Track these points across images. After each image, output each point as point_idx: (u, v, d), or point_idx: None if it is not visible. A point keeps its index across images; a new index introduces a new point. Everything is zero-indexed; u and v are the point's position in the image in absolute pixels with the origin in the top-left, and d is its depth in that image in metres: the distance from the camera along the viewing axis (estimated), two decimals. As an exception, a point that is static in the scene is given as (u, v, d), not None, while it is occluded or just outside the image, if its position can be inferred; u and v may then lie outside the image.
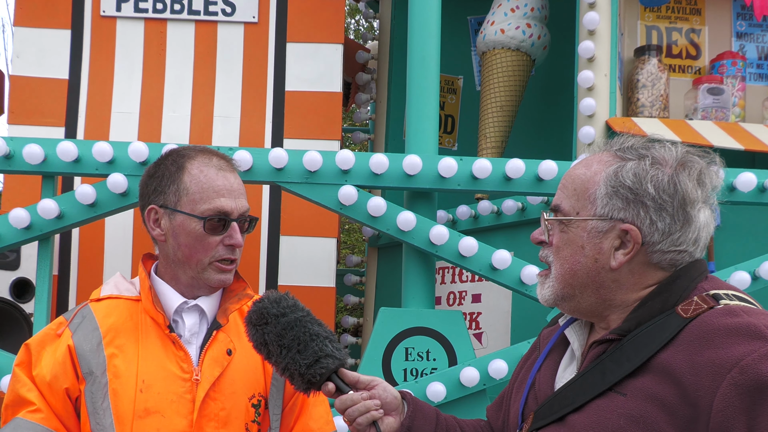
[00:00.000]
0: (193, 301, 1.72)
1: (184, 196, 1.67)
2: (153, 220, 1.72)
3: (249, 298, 1.78)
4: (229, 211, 1.68)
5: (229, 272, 1.72)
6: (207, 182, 1.68)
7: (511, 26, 3.64)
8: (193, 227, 1.67)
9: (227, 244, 1.69)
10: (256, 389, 1.72)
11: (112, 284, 1.77)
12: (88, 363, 1.62)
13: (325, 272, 3.40)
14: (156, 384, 1.63)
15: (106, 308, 1.71)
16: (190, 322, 1.71)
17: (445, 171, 2.86)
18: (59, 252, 3.29)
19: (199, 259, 1.68)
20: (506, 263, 2.82)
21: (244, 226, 1.74)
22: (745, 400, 1.09)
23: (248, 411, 1.69)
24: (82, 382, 1.62)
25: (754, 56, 3.59)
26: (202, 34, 3.49)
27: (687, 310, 1.23)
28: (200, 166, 1.69)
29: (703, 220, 1.28)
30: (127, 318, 1.69)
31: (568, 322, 1.43)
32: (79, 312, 1.71)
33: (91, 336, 1.65)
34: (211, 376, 1.66)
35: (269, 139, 3.44)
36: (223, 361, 1.68)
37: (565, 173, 1.38)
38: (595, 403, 1.24)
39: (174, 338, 1.67)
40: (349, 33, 11.73)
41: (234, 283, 1.79)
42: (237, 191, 1.72)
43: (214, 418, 1.64)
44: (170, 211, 1.69)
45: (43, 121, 3.38)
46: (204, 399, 1.64)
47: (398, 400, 1.50)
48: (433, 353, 2.86)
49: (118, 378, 1.62)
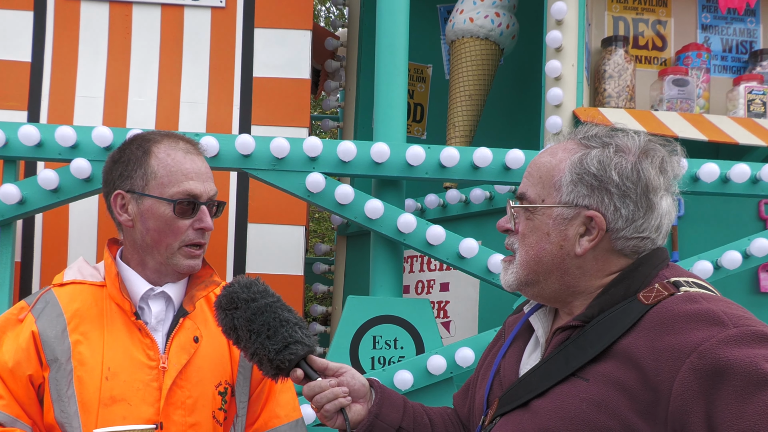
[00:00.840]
0: (159, 287, 1.71)
1: (152, 180, 1.66)
2: (120, 205, 1.70)
3: (216, 284, 1.78)
4: (198, 194, 1.68)
5: (198, 258, 1.71)
6: (175, 165, 1.67)
7: (479, 15, 3.64)
8: (162, 211, 1.66)
9: (197, 227, 1.69)
10: (222, 377, 1.71)
11: (75, 269, 1.75)
12: (52, 349, 1.60)
13: (293, 260, 3.39)
14: (122, 372, 1.61)
15: (70, 294, 1.69)
16: (157, 309, 1.70)
17: (412, 159, 2.86)
18: (22, 238, 3.23)
19: (169, 243, 1.67)
20: (473, 252, 2.84)
21: (212, 210, 1.73)
22: (703, 384, 1.11)
23: (215, 399, 1.69)
24: (46, 368, 1.60)
25: (718, 48, 3.64)
26: (168, 18, 3.44)
27: (648, 296, 1.25)
28: (167, 149, 1.68)
29: (665, 207, 1.31)
30: (91, 304, 1.68)
31: (533, 310, 1.45)
32: (42, 297, 1.68)
33: (56, 322, 1.63)
34: (178, 363, 1.65)
35: (237, 126, 3.40)
36: (190, 348, 1.68)
37: (531, 161, 1.39)
38: (558, 389, 1.26)
39: (140, 325, 1.66)
40: (319, 20, 11.66)
41: (201, 270, 1.78)
42: (205, 174, 1.71)
43: (181, 405, 1.64)
44: (138, 195, 1.67)
45: (5, 105, 3.31)
46: (171, 387, 1.63)
47: (366, 387, 1.51)
48: (400, 341, 2.87)
49: (83, 365, 1.61)
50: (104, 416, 1.59)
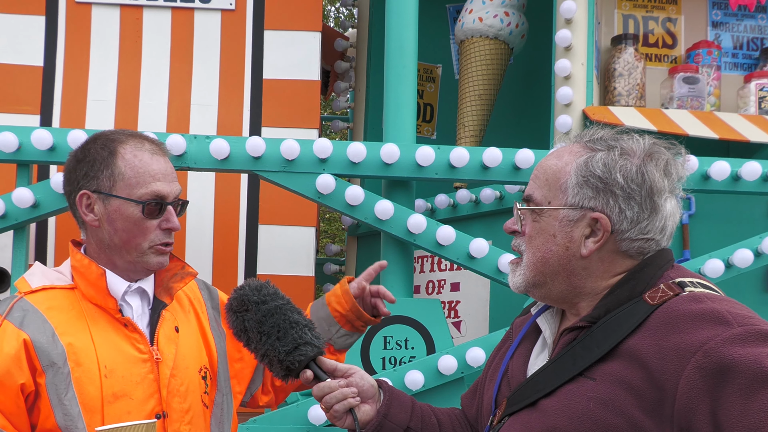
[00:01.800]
0: (135, 284, 1.72)
1: (120, 180, 1.66)
2: (85, 205, 1.69)
3: (192, 276, 1.79)
4: (165, 194, 1.68)
5: (166, 254, 1.73)
6: (142, 166, 1.67)
7: (489, 14, 3.64)
8: (131, 212, 1.66)
9: (164, 227, 1.69)
10: (201, 362, 1.76)
11: (38, 274, 1.72)
12: (47, 355, 1.58)
13: (304, 261, 3.40)
14: (118, 368, 1.63)
15: (45, 299, 1.66)
16: (135, 304, 1.72)
17: (422, 160, 2.86)
18: (35, 241, 3.26)
19: (138, 243, 1.67)
20: (484, 252, 2.84)
21: (176, 209, 1.73)
22: (708, 382, 1.12)
23: (200, 383, 1.74)
24: (41, 375, 1.58)
25: (729, 46, 3.62)
26: (178, 21, 3.46)
27: (654, 297, 1.26)
28: (133, 150, 1.68)
29: (669, 209, 1.32)
30: (69, 307, 1.67)
31: (540, 311, 1.46)
32: (16, 305, 1.64)
33: (43, 328, 1.61)
34: (171, 353, 1.69)
35: (247, 128, 3.42)
36: (174, 338, 1.72)
37: (537, 164, 1.41)
38: (565, 388, 1.27)
39: (127, 321, 1.67)
40: (329, 21, 11.69)
41: (169, 262, 1.78)
42: (171, 175, 1.72)
43: (177, 393, 1.68)
44: (105, 196, 1.67)
45: (18, 109, 3.34)
46: (168, 377, 1.67)
47: (375, 388, 1.52)
48: (411, 342, 2.87)
49: (79, 366, 1.60)
50: (110, 413, 1.60)
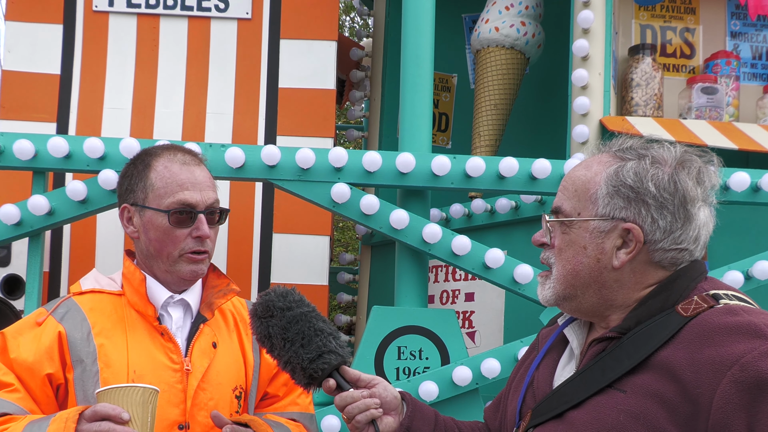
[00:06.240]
0: (178, 295, 1.77)
1: (151, 192, 1.73)
2: (126, 218, 1.78)
3: (235, 293, 1.84)
4: (194, 203, 1.72)
5: (201, 263, 1.76)
6: (171, 177, 1.72)
7: (505, 24, 3.63)
8: (160, 221, 1.71)
9: (195, 236, 1.73)
10: (237, 381, 1.78)
11: (91, 279, 1.81)
12: (78, 351, 1.65)
13: (318, 270, 3.39)
14: (147, 374, 1.66)
15: (90, 301, 1.74)
16: (176, 315, 1.76)
17: (438, 169, 2.85)
18: (50, 248, 3.27)
19: (170, 252, 1.72)
20: (499, 262, 2.82)
21: (214, 218, 1.77)
22: (745, 397, 1.10)
23: (232, 402, 1.76)
24: (70, 370, 1.65)
25: (748, 56, 3.60)
26: (195, 29, 3.47)
27: (687, 309, 1.24)
28: (165, 162, 1.74)
29: (702, 218, 1.29)
30: (111, 311, 1.73)
31: (567, 322, 1.44)
32: (63, 303, 1.73)
33: (81, 326, 1.68)
34: (202, 366, 1.71)
35: (262, 137, 3.42)
36: (210, 353, 1.74)
37: (565, 175, 1.39)
38: (594, 400, 1.24)
39: (163, 329, 1.72)
40: (344, 30, 11.71)
41: (216, 279, 1.84)
42: (202, 184, 1.75)
43: (204, 407, 1.70)
44: (140, 207, 1.74)
45: (35, 117, 3.35)
46: (195, 388, 1.69)
47: (398, 400, 1.51)
48: (425, 352, 2.85)
49: (109, 367, 1.65)
50: None
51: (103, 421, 1.45)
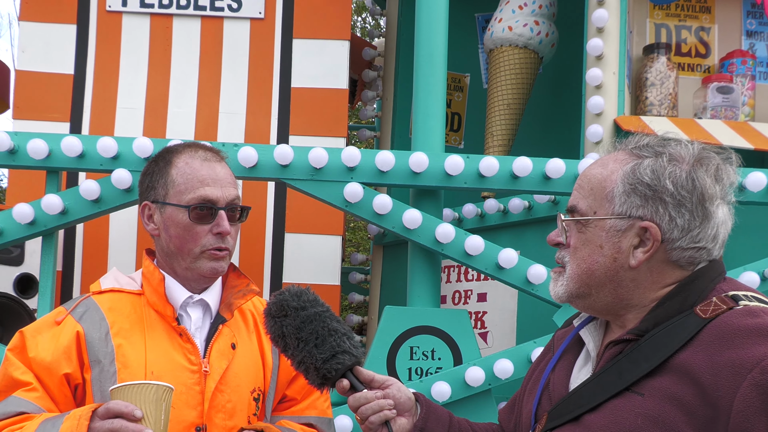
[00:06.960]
0: (198, 295, 1.75)
1: (171, 188, 1.71)
2: (147, 216, 1.77)
3: (254, 293, 1.82)
4: (215, 199, 1.71)
5: (222, 260, 1.74)
6: (191, 173, 1.71)
7: (518, 23, 3.61)
8: (180, 218, 1.70)
9: (215, 232, 1.71)
10: (256, 383, 1.76)
11: (111, 278, 1.80)
12: (95, 351, 1.65)
13: (329, 270, 3.39)
14: (164, 375, 1.64)
15: (110, 301, 1.73)
16: (196, 316, 1.74)
17: (451, 169, 2.84)
18: (63, 248, 3.28)
19: (190, 249, 1.71)
20: (513, 262, 2.80)
21: (235, 215, 1.76)
22: (765, 400, 1.08)
23: (250, 404, 1.74)
24: (88, 370, 1.64)
25: (764, 55, 3.56)
26: (208, 29, 3.47)
27: (706, 310, 1.22)
28: (186, 159, 1.73)
29: (721, 216, 1.27)
30: (131, 311, 1.72)
31: (583, 323, 1.42)
32: (82, 303, 1.73)
33: (99, 326, 1.68)
34: (220, 367, 1.69)
35: (275, 136, 3.42)
36: (228, 354, 1.72)
37: (581, 173, 1.37)
38: (611, 403, 1.23)
39: (182, 330, 1.70)
40: (356, 30, 11.72)
41: (236, 279, 1.82)
42: (223, 180, 1.74)
43: (222, 409, 1.68)
44: (160, 204, 1.73)
45: (48, 116, 3.37)
46: (213, 390, 1.67)
47: (412, 401, 1.49)
48: (438, 352, 2.84)
49: (126, 368, 1.65)
50: None
51: (116, 419, 1.44)
